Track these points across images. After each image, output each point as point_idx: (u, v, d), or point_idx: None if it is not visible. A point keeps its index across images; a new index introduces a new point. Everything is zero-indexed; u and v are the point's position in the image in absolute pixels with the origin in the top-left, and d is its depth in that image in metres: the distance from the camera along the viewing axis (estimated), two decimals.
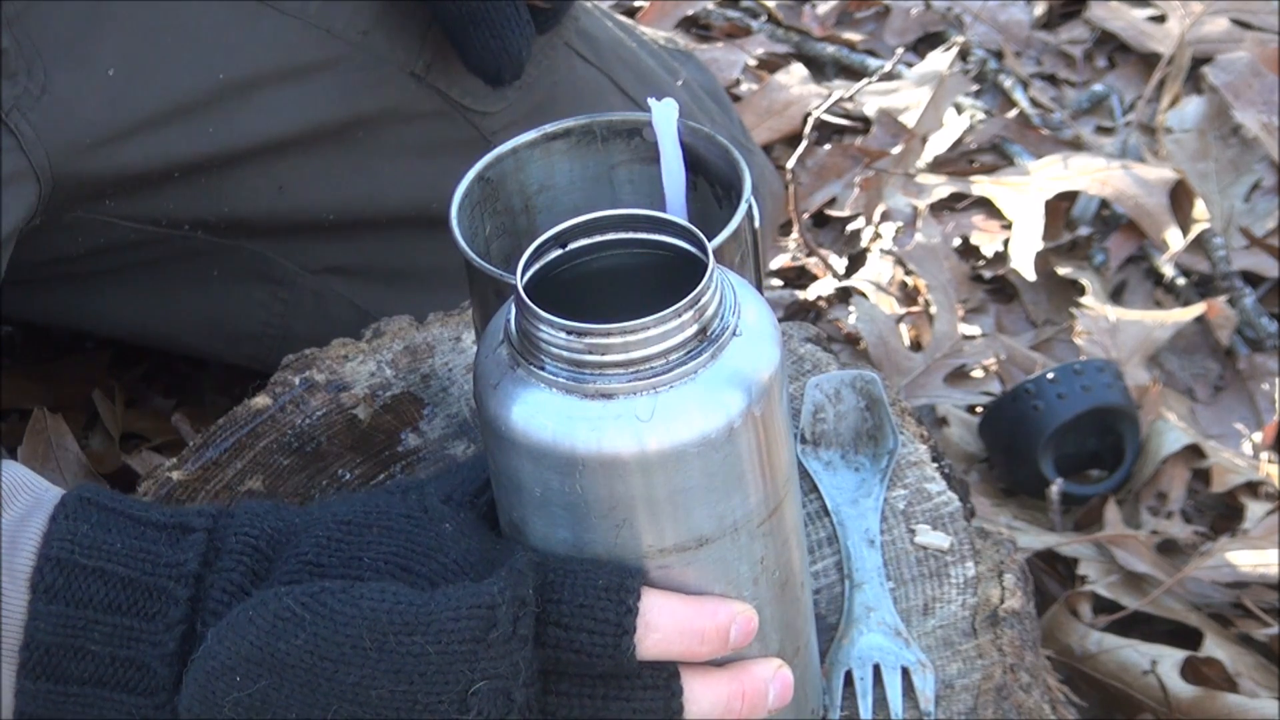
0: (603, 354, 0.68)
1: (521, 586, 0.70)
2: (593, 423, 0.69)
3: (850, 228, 1.81)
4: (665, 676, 0.73)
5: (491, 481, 0.76)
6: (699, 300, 0.69)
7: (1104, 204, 1.81)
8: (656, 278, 0.73)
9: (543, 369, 0.70)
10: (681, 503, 0.71)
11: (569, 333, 0.68)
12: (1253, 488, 1.50)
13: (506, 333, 0.72)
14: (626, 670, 0.72)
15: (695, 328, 0.69)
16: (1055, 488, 1.47)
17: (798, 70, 1.97)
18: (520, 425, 0.70)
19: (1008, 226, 1.77)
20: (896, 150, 1.86)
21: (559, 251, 0.74)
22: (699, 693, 0.74)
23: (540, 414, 0.69)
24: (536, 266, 0.73)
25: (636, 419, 0.68)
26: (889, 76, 1.94)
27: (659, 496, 0.71)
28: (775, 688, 0.76)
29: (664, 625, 0.72)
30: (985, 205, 1.80)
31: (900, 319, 1.66)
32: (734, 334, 0.71)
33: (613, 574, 0.71)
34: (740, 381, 0.70)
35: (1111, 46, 2.05)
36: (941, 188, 1.80)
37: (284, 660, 0.69)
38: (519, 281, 0.71)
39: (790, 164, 1.75)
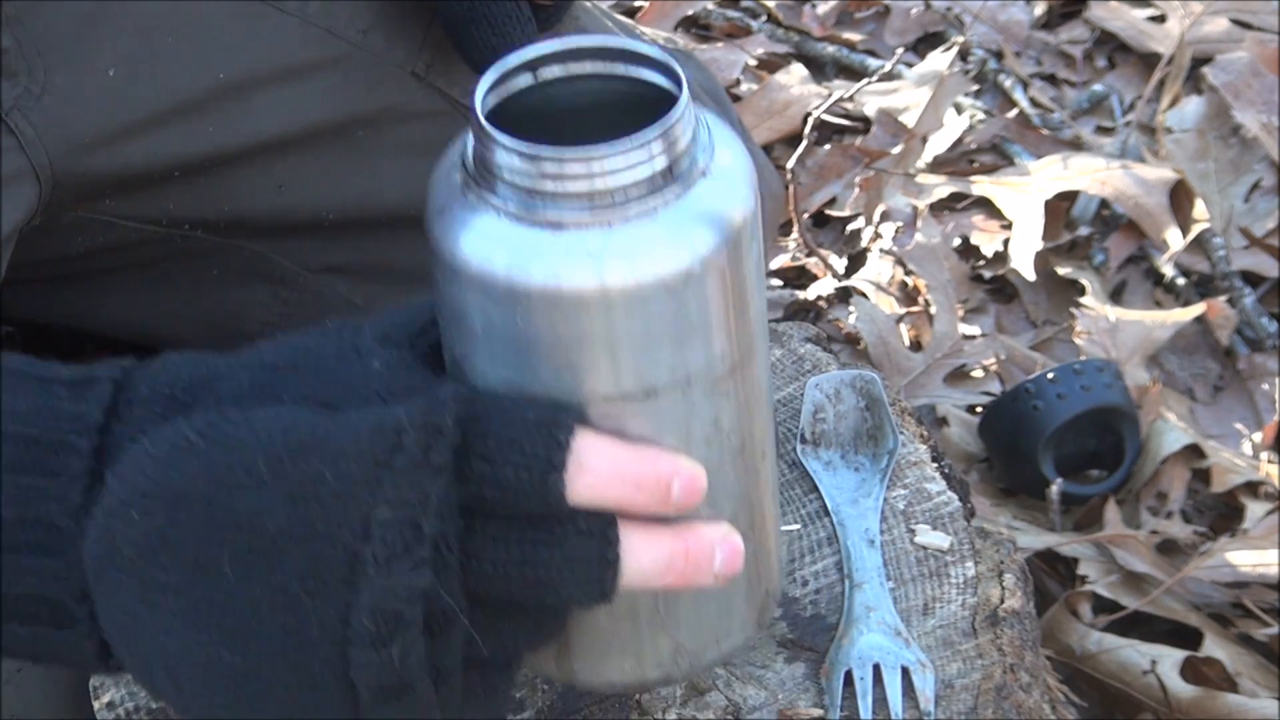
0: (556, 181, 0.64)
1: (437, 414, 0.64)
2: (539, 253, 0.64)
3: (850, 228, 1.81)
4: (601, 524, 0.67)
5: (437, 315, 0.71)
6: (663, 132, 0.64)
7: (1104, 204, 1.81)
8: (632, 115, 0.68)
9: (494, 194, 0.65)
10: (629, 348, 0.66)
11: (522, 156, 0.64)
12: (1253, 488, 1.50)
13: (461, 156, 0.67)
14: (558, 513, 0.66)
15: (659, 162, 0.64)
16: (1055, 488, 1.47)
17: (798, 70, 1.97)
18: (464, 252, 0.66)
19: (1008, 226, 1.77)
20: (896, 150, 1.86)
21: (529, 79, 0.69)
22: (638, 545, 0.68)
23: (486, 241, 0.65)
24: (501, 91, 0.68)
25: (586, 253, 0.64)
26: (889, 76, 1.94)
27: (605, 338, 0.66)
28: (722, 552, 0.69)
29: (598, 467, 0.66)
30: (985, 205, 1.80)
31: (900, 319, 1.66)
32: (703, 174, 0.66)
33: (546, 409, 0.66)
34: (702, 224, 0.65)
35: (1111, 46, 2.05)
36: (941, 188, 1.80)
37: (179, 491, 0.64)
38: (478, 99, 0.66)
39: (790, 164, 1.75)
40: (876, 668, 0.89)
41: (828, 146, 1.89)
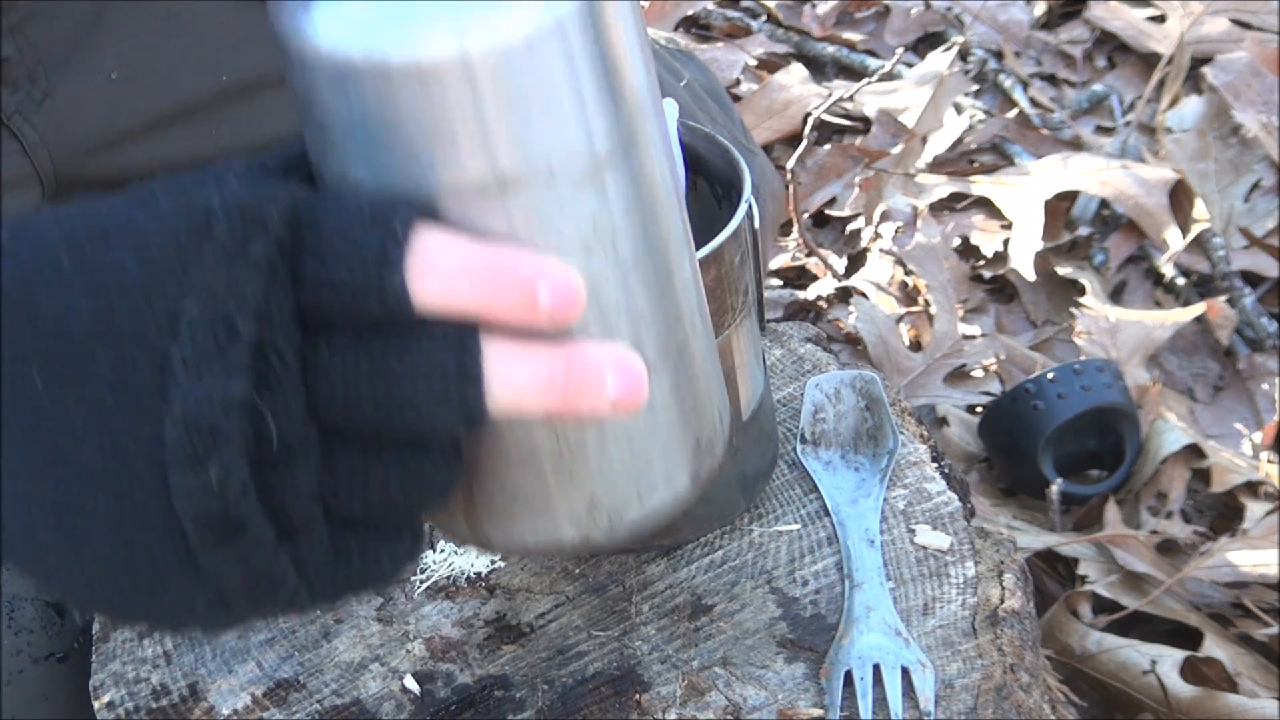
0: None
1: (257, 205, 0.58)
2: (367, 22, 0.59)
3: (850, 228, 1.81)
4: (459, 332, 0.59)
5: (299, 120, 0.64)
6: None
7: (1104, 204, 1.81)
8: None
9: None
10: (472, 126, 0.59)
11: None
12: (1252, 488, 1.50)
13: None
14: (406, 320, 0.58)
15: None
16: (1055, 488, 1.47)
17: (798, 70, 1.97)
18: (304, 30, 0.60)
19: (1008, 226, 1.77)
20: (896, 150, 1.86)
21: None
22: (506, 355, 0.59)
23: (324, 17, 0.59)
24: None
25: (415, 20, 0.58)
26: (889, 76, 1.94)
27: (444, 116, 0.59)
28: (617, 376, 0.59)
29: (446, 264, 0.58)
30: (985, 205, 1.80)
31: (900, 319, 1.66)
32: None
33: (385, 203, 0.59)
34: None
35: (1111, 46, 2.05)
36: (941, 188, 1.81)
37: None
38: None
39: (790, 164, 1.75)
40: (876, 668, 0.89)
41: (828, 146, 1.89)
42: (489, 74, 0.58)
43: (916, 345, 1.64)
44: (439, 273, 0.58)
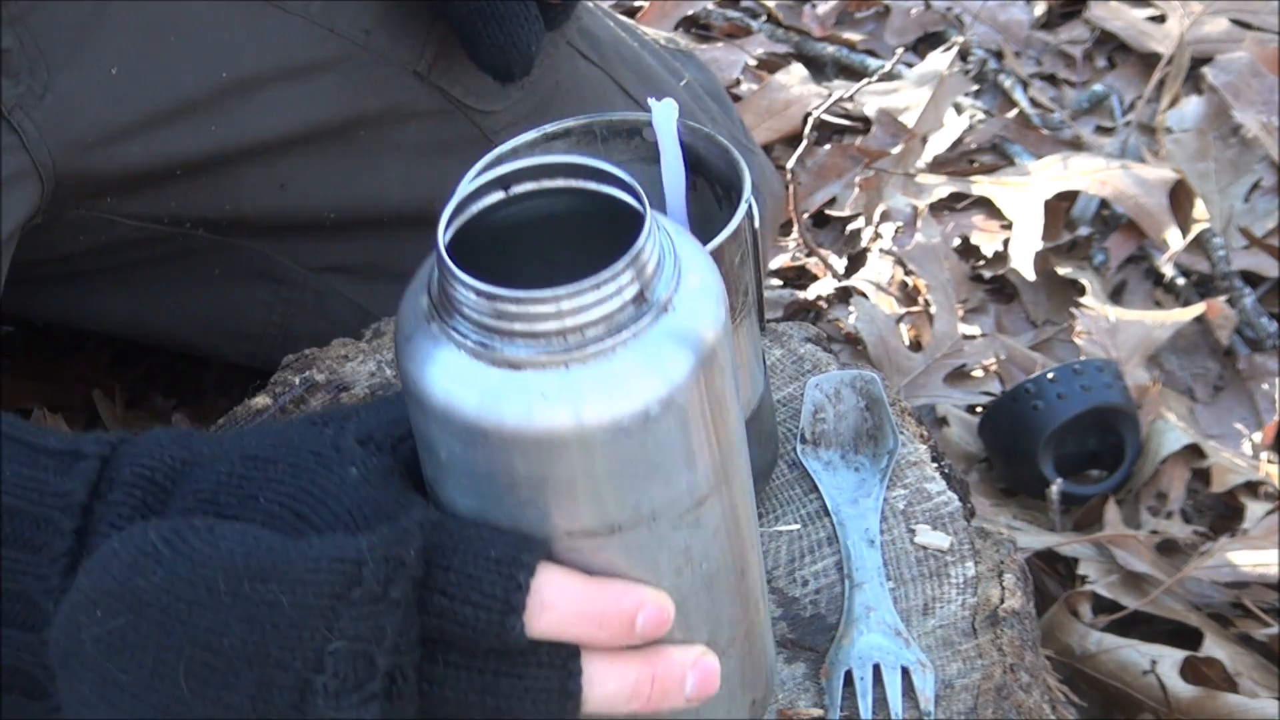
0: (510, 321, 0.63)
1: (401, 546, 0.65)
2: (496, 393, 0.63)
3: (850, 228, 1.81)
4: (563, 655, 0.67)
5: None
6: (630, 264, 0.63)
7: (1104, 204, 1.81)
8: (598, 229, 0.68)
9: (454, 328, 0.64)
10: (589, 487, 0.66)
11: (479, 294, 0.63)
12: (1253, 488, 1.50)
13: (428, 282, 0.66)
14: (518, 647, 0.67)
15: (628, 293, 0.63)
16: (1055, 488, 1.47)
17: (798, 70, 1.97)
18: (426, 385, 0.65)
19: (1008, 226, 1.77)
20: (896, 150, 1.86)
21: (501, 195, 0.68)
22: (601, 673, 0.68)
23: (446, 376, 0.64)
24: (470, 210, 0.68)
25: (541, 395, 0.63)
26: (889, 76, 1.94)
27: (563, 478, 0.65)
28: (695, 676, 0.69)
29: (560, 605, 0.66)
30: (985, 205, 1.80)
31: (900, 319, 1.66)
32: (672, 298, 0.65)
33: (509, 545, 0.66)
34: (658, 368, 0.64)
35: (1111, 46, 2.05)
36: (941, 188, 1.80)
37: (141, 597, 0.65)
38: (440, 228, 0.65)
39: (790, 164, 1.75)
40: (876, 668, 0.89)
41: (828, 146, 1.89)
42: (602, 443, 0.64)
43: (916, 345, 1.64)
44: (553, 613, 0.66)
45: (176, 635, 0.65)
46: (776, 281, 1.74)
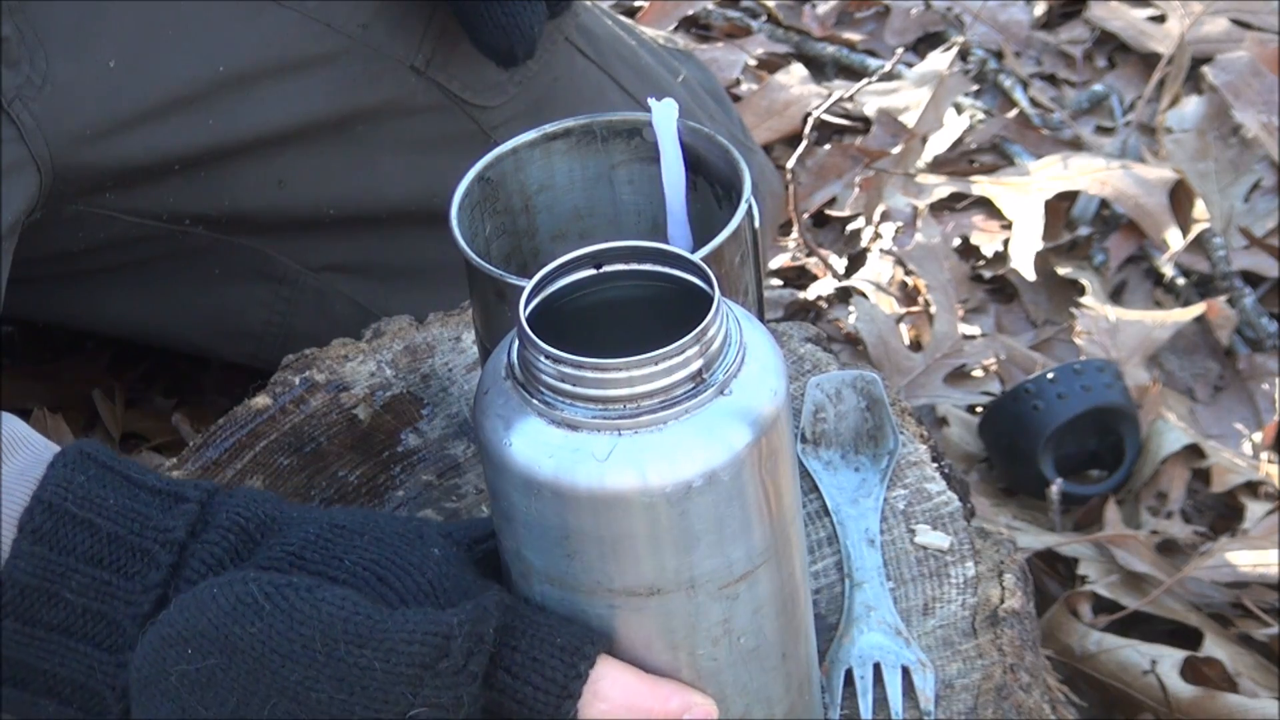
0: (573, 384, 0.68)
1: (483, 623, 0.70)
2: (552, 449, 0.69)
3: (850, 228, 1.81)
4: None
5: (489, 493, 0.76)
6: (699, 339, 0.68)
7: (1104, 204, 1.81)
8: (663, 312, 0.72)
9: (524, 389, 0.70)
10: (629, 549, 0.70)
11: (548, 358, 0.69)
12: (1253, 488, 1.50)
13: (507, 355, 0.72)
14: None
15: (694, 366, 0.68)
16: (1055, 488, 1.47)
17: (798, 70, 1.97)
18: (493, 438, 0.70)
19: (1008, 226, 1.77)
20: (896, 150, 1.86)
21: (592, 271, 0.73)
22: None
23: (510, 430, 0.70)
24: (551, 288, 0.73)
25: (592, 456, 0.68)
26: (889, 76, 1.94)
27: (605, 537, 0.70)
28: None
29: (613, 698, 0.72)
30: (985, 205, 1.80)
31: (900, 319, 1.66)
32: (736, 372, 0.70)
33: (574, 635, 0.72)
34: (706, 445, 0.69)
35: (1111, 46, 2.05)
36: (941, 188, 1.80)
37: (236, 644, 0.69)
38: (521, 304, 0.71)
39: (790, 164, 1.75)
40: (877, 667, 0.89)
41: (828, 146, 1.89)
42: (636, 509, 0.69)
43: (916, 345, 1.64)
44: (606, 704, 0.71)
45: (265, 683, 0.69)
46: (776, 281, 1.74)
